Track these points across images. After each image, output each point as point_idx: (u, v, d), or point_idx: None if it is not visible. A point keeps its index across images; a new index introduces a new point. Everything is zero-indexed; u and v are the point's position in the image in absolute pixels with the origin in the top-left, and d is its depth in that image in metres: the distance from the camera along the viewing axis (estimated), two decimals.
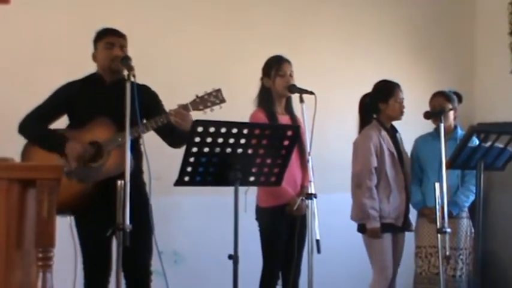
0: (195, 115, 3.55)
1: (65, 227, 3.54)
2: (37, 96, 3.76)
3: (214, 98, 3.64)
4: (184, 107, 3.58)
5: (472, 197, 4.51)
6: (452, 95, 4.66)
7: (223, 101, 3.65)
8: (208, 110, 3.63)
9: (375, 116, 4.55)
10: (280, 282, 4.29)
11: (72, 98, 3.71)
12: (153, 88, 3.89)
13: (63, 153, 3.56)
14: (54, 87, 3.76)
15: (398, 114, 4.52)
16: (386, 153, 4.46)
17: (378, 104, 4.52)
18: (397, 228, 4.50)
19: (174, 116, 3.56)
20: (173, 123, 3.58)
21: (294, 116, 4.26)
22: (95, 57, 3.79)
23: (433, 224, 4.31)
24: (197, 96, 3.63)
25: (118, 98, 3.31)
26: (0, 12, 4.15)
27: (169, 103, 3.80)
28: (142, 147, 3.65)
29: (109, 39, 3.72)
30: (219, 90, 3.66)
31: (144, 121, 3.63)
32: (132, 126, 3.38)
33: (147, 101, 3.71)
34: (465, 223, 4.54)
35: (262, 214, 4.22)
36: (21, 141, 3.70)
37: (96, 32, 3.79)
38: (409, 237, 4.65)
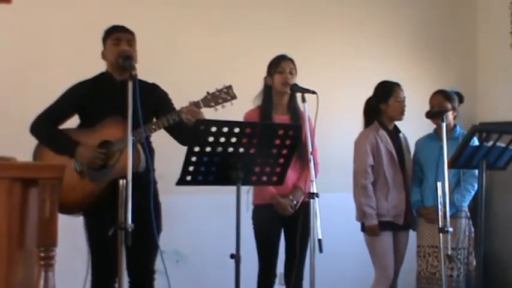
0: (206, 112, 3.55)
1: (73, 226, 3.56)
2: (41, 96, 3.76)
3: (226, 94, 3.60)
4: (195, 104, 3.56)
5: (469, 197, 4.52)
6: (453, 94, 4.66)
7: (234, 97, 3.61)
8: (219, 106, 3.60)
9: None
10: (278, 280, 4.30)
11: (82, 98, 3.70)
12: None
13: (74, 157, 3.57)
14: (58, 87, 3.75)
15: (399, 114, 4.53)
16: (384, 152, 4.47)
17: (379, 105, 4.54)
18: (397, 227, 4.51)
19: (185, 113, 3.55)
20: (185, 121, 3.57)
21: (297, 116, 4.23)
22: (104, 56, 3.78)
23: (431, 224, 4.35)
24: (208, 93, 3.60)
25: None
26: (3, 12, 4.16)
27: (174, 102, 3.80)
28: (152, 144, 3.66)
29: (116, 35, 3.71)
30: (230, 87, 3.62)
31: (154, 120, 3.63)
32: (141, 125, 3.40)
33: (156, 100, 3.72)
34: (463, 223, 4.54)
35: (254, 212, 4.26)
36: (25, 141, 3.69)
37: (104, 30, 3.78)
38: (411, 237, 4.65)
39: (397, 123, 4.64)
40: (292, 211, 4.11)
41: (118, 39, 3.70)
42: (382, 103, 4.53)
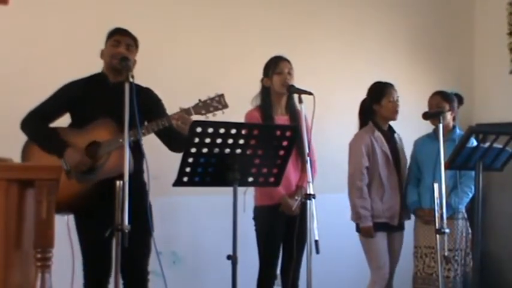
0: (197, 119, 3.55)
1: (62, 227, 3.55)
2: (36, 97, 3.75)
3: (217, 103, 3.62)
4: (186, 111, 3.57)
5: (466, 199, 4.53)
6: (451, 95, 4.66)
7: (225, 106, 3.63)
8: (210, 115, 3.60)
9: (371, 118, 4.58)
10: (278, 282, 4.30)
11: (74, 98, 3.70)
12: (155, 91, 3.88)
13: (62, 158, 3.56)
14: (54, 87, 3.75)
15: (393, 114, 4.53)
16: (379, 153, 4.48)
17: (373, 106, 4.54)
18: (392, 228, 4.52)
19: (176, 119, 3.55)
20: (175, 127, 3.57)
21: (295, 116, 4.23)
22: (102, 55, 3.78)
23: (428, 225, 4.35)
24: (200, 101, 3.61)
25: (120, 99, 3.30)
26: (1, 13, 4.16)
27: (170, 104, 3.80)
28: (142, 147, 3.65)
29: (117, 37, 3.72)
30: (222, 95, 3.63)
31: (146, 124, 3.63)
32: (133, 128, 3.39)
33: (149, 104, 3.71)
34: (461, 224, 4.55)
35: (258, 213, 4.25)
36: (21, 141, 3.70)
37: (108, 31, 3.79)
38: (408, 237, 4.66)
39: (395, 123, 4.65)
40: (298, 211, 4.11)
41: (118, 41, 3.71)
42: (375, 104, 4.54)
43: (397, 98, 4.54)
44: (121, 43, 3.70)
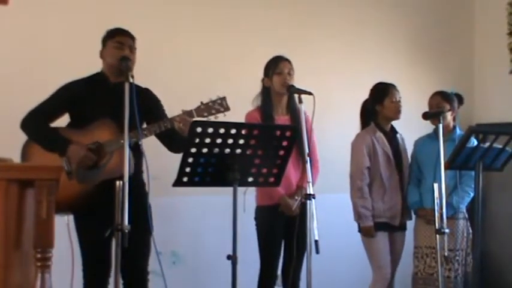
0: None
1: (62, 227, 3.55)
2: (36, 97, 3.75)
3: (219, 105, 3.63)
4: (188, 114, 3.57)
5: (467, 199, 4.53)
6: (452, 95, 4.66)
7: (227, 109, 3.64)
8: (212, 117, 3.60)
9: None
10: (278, 282, 4.30)
11: (74, 97, 3.68)
12: (155, 91, 3.88)
13: (64, 155, 3.55)
14: (53, 87, 3.75)
15: (395, 114, 4.54)
16: (380, 154, 4.49)
17: (375, 107, 4.55)
18: (394, 228, 4.52)
19: (178, 122, 3.55)
20: (176, 129, 3.57)
21: (296, 116, 4.22)
22: (102, 55, 3.77)
23: (429, 225, 4.35)
24: (202, 103, 3.62)
25: (121, 100, 3.30)
26: (0, 14, 4.16)
27: (170, 104, 3.80)
28: (142, 147, 3.65)
29: (120, 39, 3.70)
30: (224, 98, 3.64)
31: (145, 125, 3.63)
32: (134, 129, 3.39)
33: (148, 104, 3.71)
34: (461, 224, 4.55)
35: (258, 213, 4.25)
36: (21, 141, 3.69)
37: (107, 31, 3.77)
38: (408, 237, 4.65)
39: (396, 123, 4.65)
40: (298, 211, 4.11)
41: (121, 43, 3.69)
42: (378, 104, 4.55)
43: (399, 98, 4.55)
44: (124, 45, 3.69)
